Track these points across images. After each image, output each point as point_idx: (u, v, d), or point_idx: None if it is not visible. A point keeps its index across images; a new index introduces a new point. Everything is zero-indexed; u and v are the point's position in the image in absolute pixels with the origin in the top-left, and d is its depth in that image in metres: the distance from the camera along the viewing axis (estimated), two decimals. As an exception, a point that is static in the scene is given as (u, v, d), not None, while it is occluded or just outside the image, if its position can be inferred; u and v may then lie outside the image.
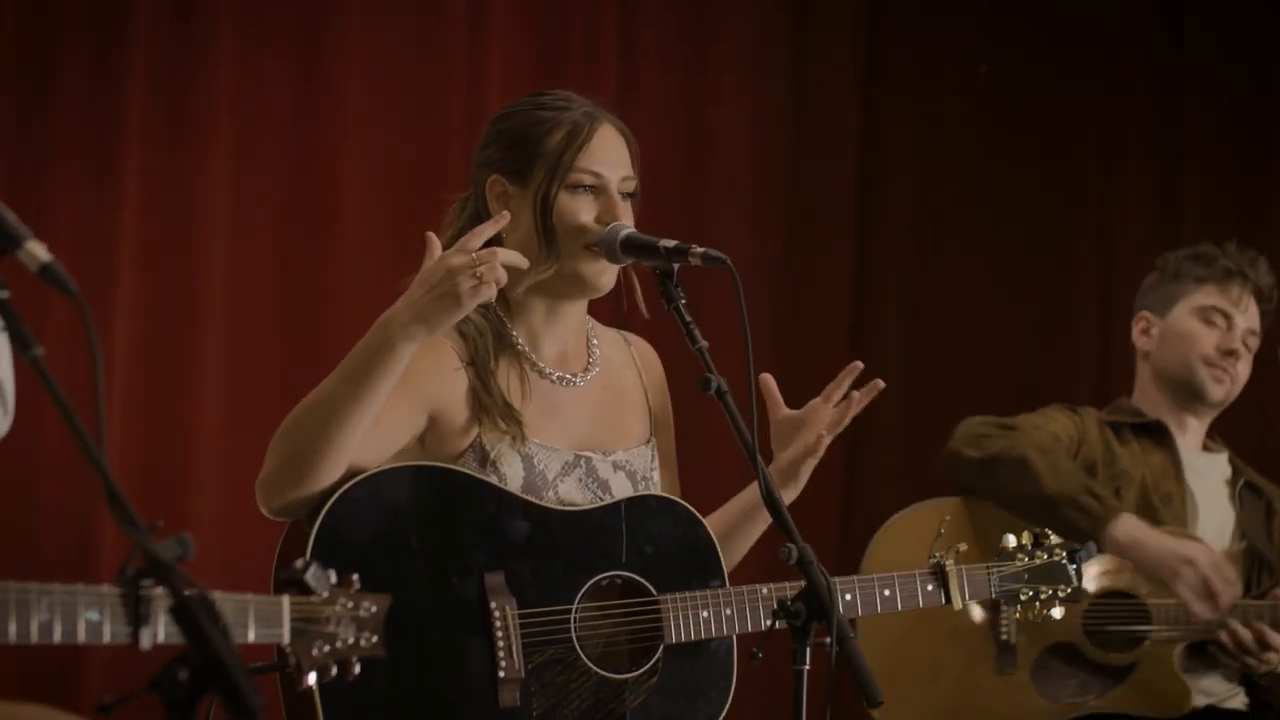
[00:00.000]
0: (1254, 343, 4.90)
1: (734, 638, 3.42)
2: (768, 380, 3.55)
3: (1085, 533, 4.50)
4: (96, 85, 5.33)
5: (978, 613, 4.63)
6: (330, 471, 3.16)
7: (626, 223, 3.38)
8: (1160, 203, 6.48)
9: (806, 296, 6.30)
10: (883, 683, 3.09)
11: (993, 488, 4.68)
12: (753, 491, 3.53)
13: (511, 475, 3.33)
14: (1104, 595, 4.68)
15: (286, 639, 2.59)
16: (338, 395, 3.14)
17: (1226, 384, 4.88)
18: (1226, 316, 4.88)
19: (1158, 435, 4.88)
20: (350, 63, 5.61)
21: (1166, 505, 4.77)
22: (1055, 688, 4.63)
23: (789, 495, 3.51)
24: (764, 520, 3.54)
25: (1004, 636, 4.65)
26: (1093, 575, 4.64)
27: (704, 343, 3.22)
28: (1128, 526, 4.57)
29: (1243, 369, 4.89)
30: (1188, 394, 4.89)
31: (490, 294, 3.12)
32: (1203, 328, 4.88)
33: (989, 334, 6.45)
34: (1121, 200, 6.50)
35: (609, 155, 3.42)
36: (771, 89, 6.30)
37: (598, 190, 3.40)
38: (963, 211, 6.48)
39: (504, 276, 3.13)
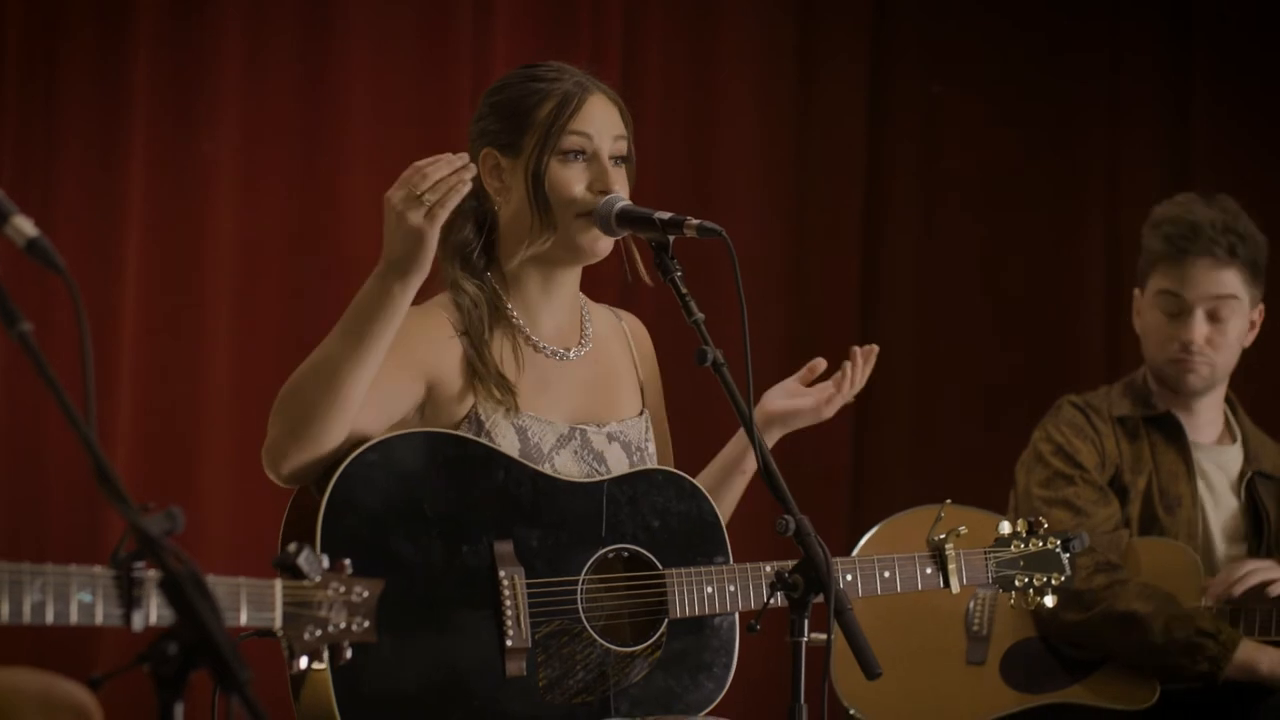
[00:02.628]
0: (1234, 305, 4.65)
1: (737, 614, 3.43)
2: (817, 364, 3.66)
3: (1207, 675, 4.46)
4: (103, 65, 5.33)
5: (950, 604, 4.59)
6: (336, 431, 3.15)
7: (620, 189, 3.40)
8: (1169, 184, 6.45)
9: (815, 282, 6.29)
10: (858, 674, 3.08)
11: (1101, 646, 4.55)
12: (733, 448, 3.62)
13: (507, 446, 3.33)
14: None
15: (278, 623, 2.59)
16: (337, 352, 3.15)
17: (1202, 370, 4.68)
18: (1177, 298, 4.65)
19: (1169, 429, 4.73)
20: (356, 49, 5.60)
21: (1176, 509, 4.65)
22: (1023, 679, 4.59)
23: (769, 440, 3.57)
24: (744, 478, 3.62)
25: (975, 627, 4.62)
26: None
27: (700, 315, 3.21)
28: (1242, 656, 4.49)
29: (1221, 342, 4.67)
30: (1169, 384, 4.73)
31: (443, 209, 3.11)
32: (1162, 319, 4.69)
33: (998, 314, 6.42)
34: (1130, 182, 6.46)
35: (599, 122, 3.42)
36: (777, 76, 6.28)
37: (589, 158, 3.40)
38: (971, 194, 6.45)
39: (450, 185, 3.12)
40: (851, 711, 4.56)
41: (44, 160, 5.26)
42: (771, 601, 3.22)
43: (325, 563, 2.67)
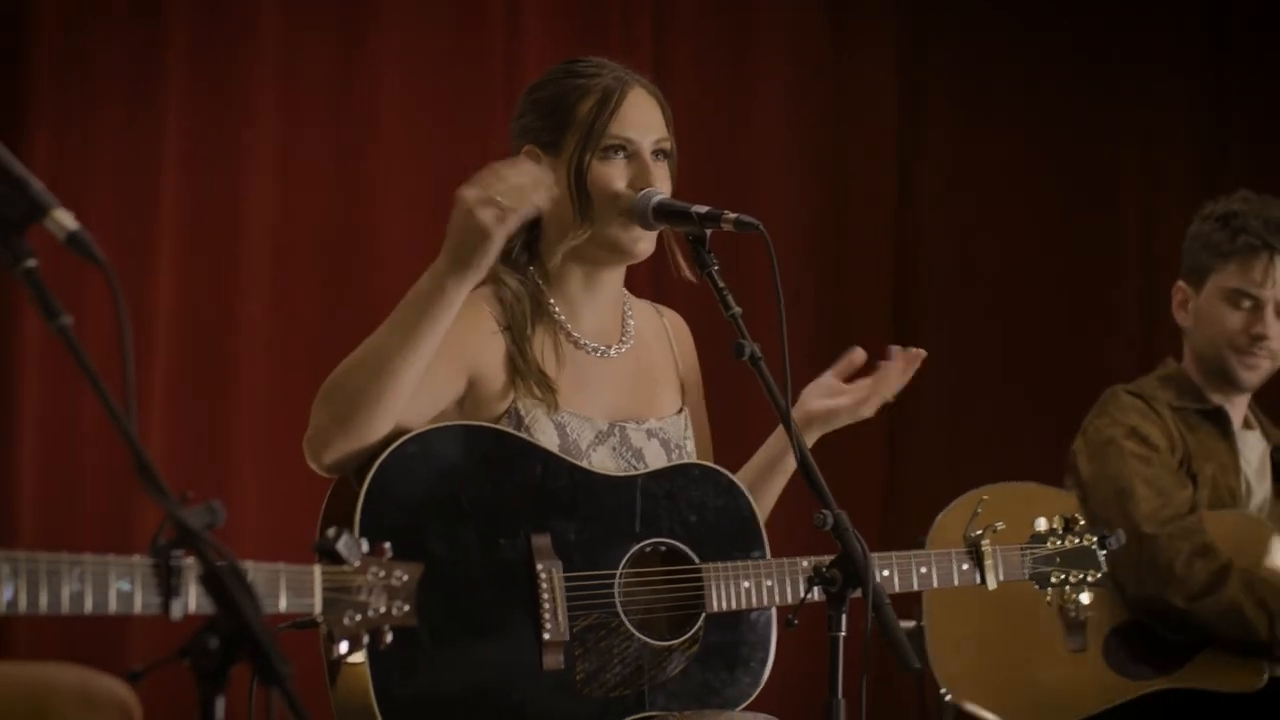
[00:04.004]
0: None
1: (774, 610, 3.43)
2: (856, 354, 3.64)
3: None
4: (138, 54, 5.35)
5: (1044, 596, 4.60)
6: (383, 422, 3.15)
7: (661, 186, 3.39)
8: (1202, 170, 6.42)
9: (848, 270, 6.29)
10: (965, 665, 3.09)
11: (1205, 630, 4.57)
12: (773, 445, 3.61)
13: (546, 442, 3.33)
14: None
15: (318, 608, 2.59)
16: (388, 344, 3.14)
17: (1262, 368, 4.74)
18: (1252, 298, 4.70)
19: (1219, 422, 4.76)
20: (390, 43, 5.62)
21: (1230, 500, 4.70)
22: (1130, 665, 4.59)
23: (808, 439, 3.56)
24: (783, 477, 3.60)
25: (1072, 614, 4.61)
26: None
27: (737, 309, 3.21)
28: None
29: (1278, 344, 4.73)
30: (1222, 378, 4.76)
31: (514, 215, 3.10)
32: (1230, 311, 4.73)
33: (1034, 312, 6.41)
34: (1165, 171, 6.45)
35: (641, 118, 3.42)
36: (809, 72, 6.30)
37: (630, 154, 3.40)
38: (1004, 178, 6.44)
39: (527, 195, 3.11)
40: (947, 696, 4.55)
41: (79, 152, 5.27)
42: (809, 596, 3.22)
43: (365, 547, 2.67)
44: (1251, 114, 6.48)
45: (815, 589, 3.13)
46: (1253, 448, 4.82)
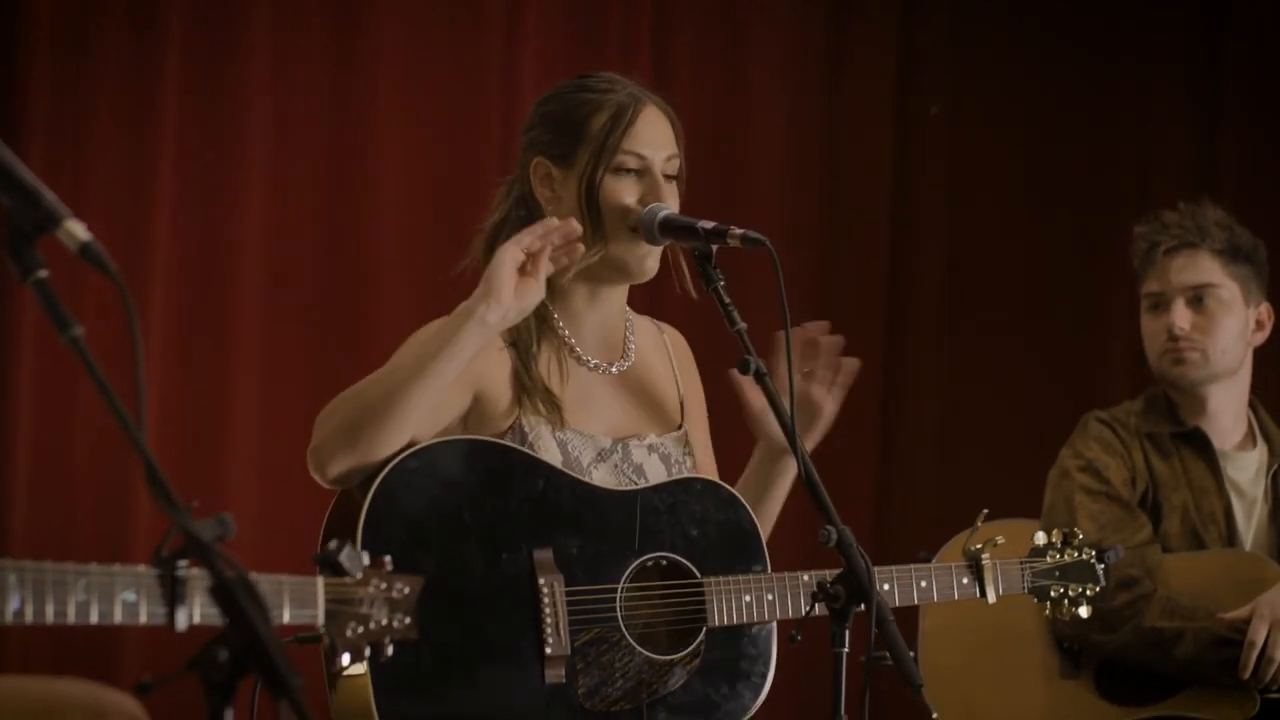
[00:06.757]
0: (1217, 293, 4.69)
1: (775, 623, 3.43)
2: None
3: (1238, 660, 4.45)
4: (133, 57, 5.32)
5: (1038, 617, 4.58)
6: (391, 443, 3.15)
7: (670, 204, 3.39)
8: (1196, 187, 6.43)
9: (840, 279, 6.28)
10: (958, 691, 3.08)
11: (1136, 663, 4.55)
12: (763, 471, 3.58)
13: (549, 459, 3.33)
14: None
15: (321, 620, 2.60)
16: (405, 367, 3.17)
17: (1191, 361, 4.68)
18: (1158, 295, 4.72)
19: (1197, 443, 4.72)
20: (386, 45, 5.61)
21: (1210, 525, 4.65)
22: (1122, 692, 4.59)
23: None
24: (777, 500, 3.58)
25: (1066, 643, 4.61)
26: None
27: (743, 324, 3.23)
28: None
29: (1211, 329, 4.68)
30: (1174, 390, 4.74)
31: (539, 263, 3.15)
32: (1151, 320, 4.75)
33: (1026, 327, 6.41)
34: (1158, 198, 6.45)
35: (653, 135, 3.43)
36: (806, 78, 6.29)
37: (641, 172, 3.41)
38: (998, 209, 6.45)
39: (553, 241, 3.15)
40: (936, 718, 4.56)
41: (74, 151, 5.25)
42: (811, 611, 3.22)
43: (366, 559, 2.67)
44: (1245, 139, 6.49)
45: (818, 605, 3.14)
46: (1243, 467, 4.77)
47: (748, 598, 3.37)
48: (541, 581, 3.24)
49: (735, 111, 6.15)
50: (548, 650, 3.22)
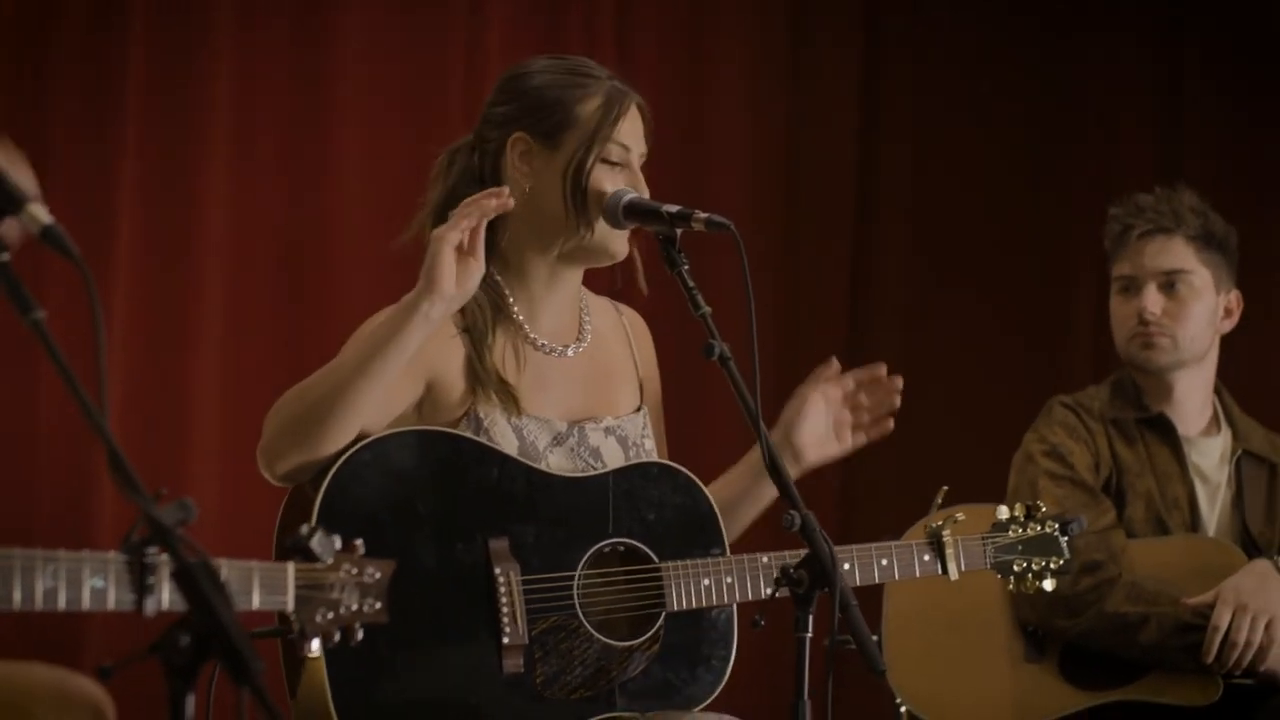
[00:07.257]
0: (1188, 279, 4.69)
1: (734, 606, 3.42)
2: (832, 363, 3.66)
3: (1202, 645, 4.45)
4: (96, 41, 5.31)
5: (1003, 601, 4.58)
6: (337, 439, 3.15)
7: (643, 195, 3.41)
8: (1161, 175, 6.45)
9: (803, 270, 6.29)
10: (921, 676, 3.08)
11: (1100, 648, 4.55)
12: (755, 463, 3.51)
13: (505, 446, 3.33)
14: None
15: (291, 606, 2.60)
16: (350, 362, 3.15)
17: (1160, 346, 4.69)
18: (1130, 278, 4.73)
19: (1161, 429, 4.73)
20: (349, 39, 5.60)
21: (1174, 511, 4.66)
22: (1085, 676, 4.60)
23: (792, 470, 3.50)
24: (768, 492, 3.52)
25: (1030, 628, 4.62)
26: None
27: (707, 309, 3.22)
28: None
29: (1181, 314, 4.69)
30: (1142, 374, 4.74)
31: (464, 221, 3.13)
32: (1121, 303, 4.76)
33: (991, 317, 6.42)
34: (1122, 184, 6.47)
35: (637, 130, 3.45)
36: (769, 73, 6.29)
37: (624, 164, 3.41)
38: (962, 196, 6.46)
39: (479, 205, 3.14)
40: (903, 707, 4.56)
41: (37, 134, 5.22)
42: (774, 595, 3.22)
43: (338, 544, 2.67)
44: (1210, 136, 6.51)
45: (780, 589, 3.14)
46: (1207, 453, 4.79)
47: (706, 581, 3.37)
48: (497, 570, 3.23)
49: (698, 107, 6.15)
50: (505, 640, 3.22)
